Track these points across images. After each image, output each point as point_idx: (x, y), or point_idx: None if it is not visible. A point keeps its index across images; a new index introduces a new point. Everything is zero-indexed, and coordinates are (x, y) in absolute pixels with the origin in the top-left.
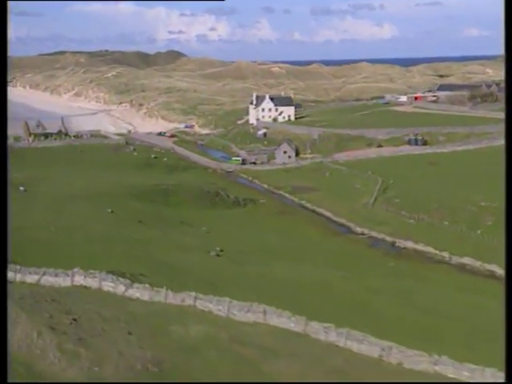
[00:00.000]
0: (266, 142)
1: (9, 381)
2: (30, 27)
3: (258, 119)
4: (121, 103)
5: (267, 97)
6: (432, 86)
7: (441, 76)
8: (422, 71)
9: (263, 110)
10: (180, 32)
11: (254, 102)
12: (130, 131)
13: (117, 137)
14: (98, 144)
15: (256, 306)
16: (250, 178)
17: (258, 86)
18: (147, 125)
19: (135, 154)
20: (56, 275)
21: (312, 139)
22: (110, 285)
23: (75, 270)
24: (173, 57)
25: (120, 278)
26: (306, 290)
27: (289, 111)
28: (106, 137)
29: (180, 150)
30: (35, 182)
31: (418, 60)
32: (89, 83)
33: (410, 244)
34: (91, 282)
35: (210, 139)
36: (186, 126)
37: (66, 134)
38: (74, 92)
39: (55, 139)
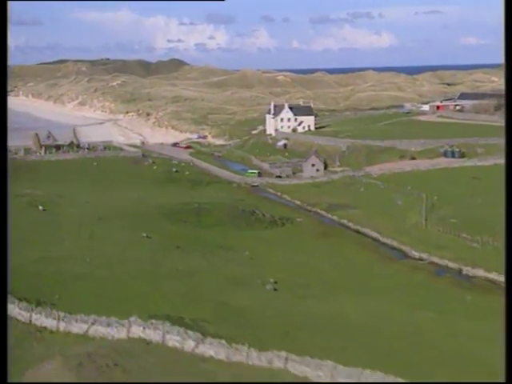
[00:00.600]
0: (287, 154)
1: (9, 381)
2: (28, 36)
3: (276, 129)
4: (127, 112)
5: (286, 106)
6: (442, 95)
7: (448, 84)
8: (427, 79)
9: (282, 119)
10: (179, 40)
11: (272, 112)
12: (142, 142)
13: (132, 149)
14: (114, 157)
15: (368, 374)
16: (279, 194)
17: (265, 94)
18: (157, 135)
19: (155, 167)
20: (108, 325)
21: (340, 151)
22: (175, 339)
23: (132, 319)
24: (175, 65)
25: (188, 331)
26: (394, 338)
27: (309, 121)
28: (120, 149)
29: (198, 162)
30: (54, 200)
31: (418, 68)
32: (93, 92)
33: (480, 272)
34: (152, 335)
35: (227, 151)
36: (199, 137)
37: (78, 146)
38: (78, 101)
39: (67, 151)
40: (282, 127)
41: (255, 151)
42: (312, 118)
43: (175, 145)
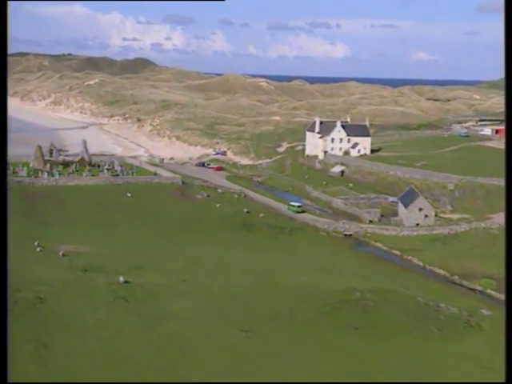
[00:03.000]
0: (351, 185)
1: (9, 381)
2: None
3: (325, 151)
4: (112, 116)
5: (339, 124)
6: (444, 113)
7: (448, 100)
8: (407, 94)
9: (333, 140)
10: (134, 39)
11: (318, 130)
12: (162, 159)
13: (167, 173)
14: (147, 183)
15: None
16: (397, 252)
17: (260, 102)
18: (161, 147)
19: (218, 205)
20: None
21: (447, 191)
22: None
23: None
24: (141, 65)
25: None
26: None
27: (365, 143)
28: (144, 170)
29: (247, 191)
30: (127, 272)
31: (371, 80)
32: (68, 91)
33: None
34: None
35: (269, 176)
36: (217, 153)
37: (91, 164)
38: (50, 100)
39: (77, 171)
40: (332, 149)
41: (303, 178)
42: (369, 139)
43: (202, 165)
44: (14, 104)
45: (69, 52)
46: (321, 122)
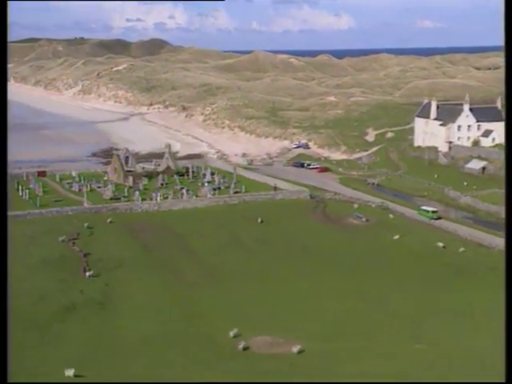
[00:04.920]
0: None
1: (9, 381)
2: None
3: (450, 142)
4: (151, 104)
5: (466, 108)
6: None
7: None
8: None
9: (459, 127)
10: (138, 20)
11: (434, 115)
12: (251, 161)
13: (289, 185)
14: (267, 200)
15: None
16: None
17: (304, 80)
18: (224, 140)
19: (396, 237)
20: None
21: None
22: None
23: None
24: (157, 46)
25: None
26: None
27: (499, 129)
28: (275, 189)
29: (385, 202)
30: None
31: (377, 51)
32: (97, 78)
33: None
34: None
35: (386, 176)
36: (299, 146)
37: (179, 173)
38: (78, 88)
39: (167, 184)
40: (458, 139)
41: (431, 177)
42: (502, 124)
43: (301, 165)
44: (39, 94)
45: (81, 36)
46: (438, 106)
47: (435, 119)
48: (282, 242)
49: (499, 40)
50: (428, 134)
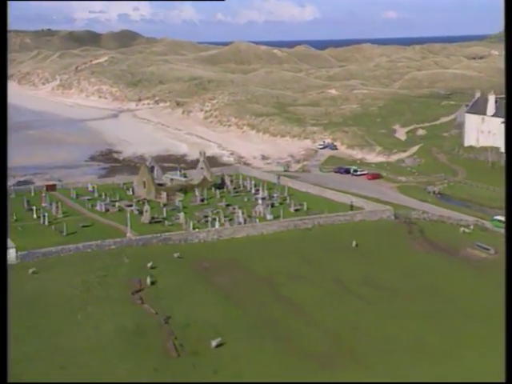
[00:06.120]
0: None
1: (9, 381)
2: None
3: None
4: (140, 100)
5: None
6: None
7: (480, 58)
8: (423, 53)
9: None
10: (101, 12)
11: (492, 111)
12: (288, 167)
13: (361, 201)
14: (345, 223)
15: None
16: None
17: (294, 72)
18: (234, 140)
19: None
20: None
21: None
22: None
23: None
24: (128, 37)
25: None
26: None
27: None
28: (351, 208)
29: (470, 218)
30: None
31: (345, 42)
32: (76, 72)
33: None
34: None
35: (448, 184)
36: (325, 147)
37: (216, 186)
38: (57, 83)
39: (208, 199)
40: None
41: (497, 182)
42: None
43: (346, 171)
44: (13, 89)
45: (48, 27)
46: (496, 101)
47: (493, 115)
48: (398, 285)
49: (467, 30)
50: (484, 132)
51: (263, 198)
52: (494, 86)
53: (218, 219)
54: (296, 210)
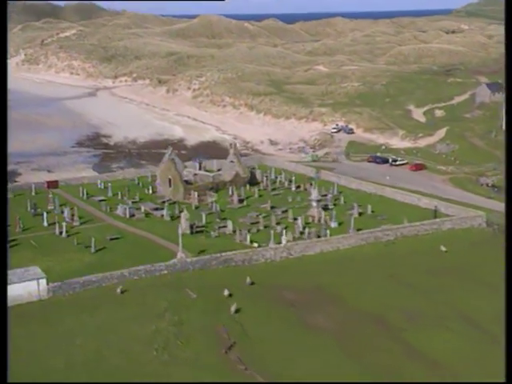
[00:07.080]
0: None
1: (9, 381)
2: None
3: None
4: (116, 77)
5: None
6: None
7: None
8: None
9: None
10: None
11: None
12: (317, 156)
13: (435, 201)
14: (433, 233)
15: None
16: None
17: (284, 48)
18: (233, 122)
19: None
20: None
21: None
22: None
23: None
24: (89, 10)
25: None
26: None
27: None
28: (435, 215)
29: None
30: None
31: (296, 16)
32: (42, 45)
33: None
34: None
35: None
36: (340, 129)
37: (251, 182)
38: (21, 58)
39: (246, 199)
40: None
41: None
42: None
43: (384, 161)
44: None
45: None
46: None
47: None
48: None
49: (433, 4)
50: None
51: (318, 201)
52: (483, 60)
53: (284, 232)
54: (360, 215)
